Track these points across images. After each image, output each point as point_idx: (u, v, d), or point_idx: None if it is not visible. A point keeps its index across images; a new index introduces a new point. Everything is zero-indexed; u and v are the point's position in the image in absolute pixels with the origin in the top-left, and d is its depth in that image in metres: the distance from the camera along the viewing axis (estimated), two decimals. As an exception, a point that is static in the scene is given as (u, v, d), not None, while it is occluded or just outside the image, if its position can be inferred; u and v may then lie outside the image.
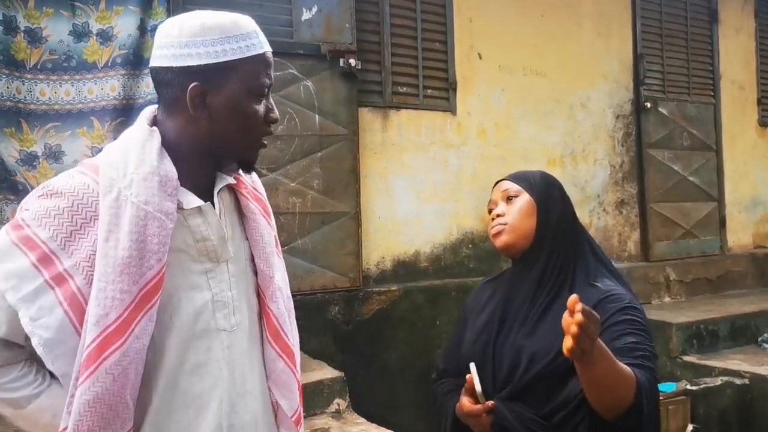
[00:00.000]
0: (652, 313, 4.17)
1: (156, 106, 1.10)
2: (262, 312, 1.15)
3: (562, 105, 4.48)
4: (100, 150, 3.49)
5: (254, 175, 1.20)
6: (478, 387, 1.31)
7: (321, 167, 3.51)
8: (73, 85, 3.15)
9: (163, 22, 3.86)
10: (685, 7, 5.08)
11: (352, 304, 3.55)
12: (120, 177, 0.98)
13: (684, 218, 4.96)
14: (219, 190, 1.09)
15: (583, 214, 4.48)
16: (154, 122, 1.07)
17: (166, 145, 1.04)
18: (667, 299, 4.70)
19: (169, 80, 1.02)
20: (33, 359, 1.02)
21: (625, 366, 1.17)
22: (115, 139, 3.57)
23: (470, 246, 4.05)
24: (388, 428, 2.73)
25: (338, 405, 2.92)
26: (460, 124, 4.07)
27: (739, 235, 5.33)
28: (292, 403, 1.16)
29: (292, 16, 3.49)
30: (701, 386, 3.47)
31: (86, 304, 0.94)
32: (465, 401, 1.36)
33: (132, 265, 0.95)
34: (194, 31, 1.01)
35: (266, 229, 1.16)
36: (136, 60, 3.21)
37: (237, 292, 1.09)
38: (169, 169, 1.01)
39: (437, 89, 4.01)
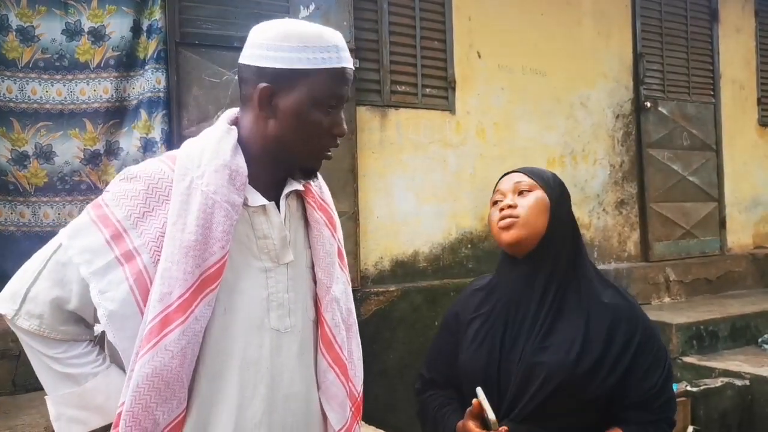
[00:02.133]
0: (652, 314, 4.15)
1: (238, 108, 1.16)
2: (318, 320, 1.17)
3: (562, 104, 4.46)
4: (92, 152, 3.49)
5: (324, 185, 1.25)
6: (491, 415, 1.23)
7: (319, 167, 3.49)
8: (64, 85, 3.12)
9: (158, 20, 3.83)
10: (685, 6, 5.06)
11: (350, 304, 3.53)
12: (194, 167, 1.04)
13: (684, 218, 4.94)
14: (287, 195, 1.13)
15: (582, 214, 4.46)
16: (235, 123, 1.13)
17: (241, 143, 1.09)
18: (666, 300, 4.68)
19: (247, 78, 1.10)
20: (97, 343, 1.11)
21: None
22: (107, 141, 3.56)
23: (469, 246, 4.03)
24: (386, 430, 2.71)
25: (336, 407, 2.90)
26: (459, 124, 4.05)
27: (739, 236, 5.32)
28: (339, 416, 1.17)
29: (289, 14, 3.46)
30: (701, 387, 3.45)
31: (151, 282, 1.00)
32: (472, 426, 1.28)
33: (196, 249, 1.00)
34: (279, 36, 1.07)
35: (329, 239, 1.19)
36: (129, 61, 3.19)
37: (294, 295, 1.13)
38: (241, 164, 1.06)
39: (436, 88, 3.99)
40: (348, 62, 1.10)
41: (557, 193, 1.39)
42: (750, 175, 5.42)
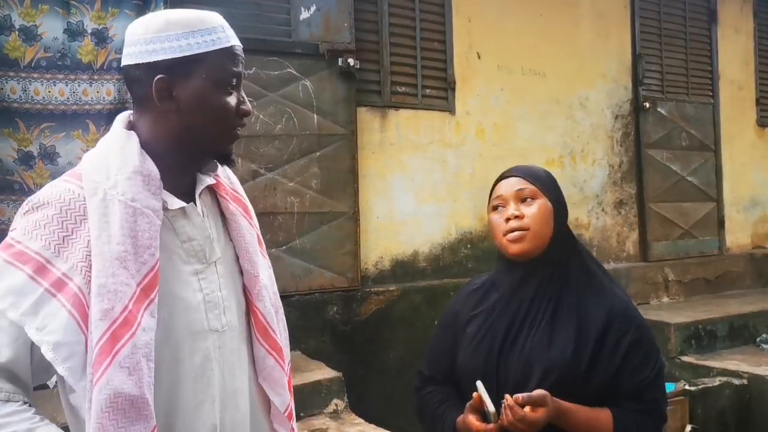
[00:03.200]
0: (651, 314, 4.17)
1: (131, 111, 1.12)
2: (250, 311, 1.16)
3: (561, 105, 4.47)
4: (95, 152, 3.45)
5: (232, 175, 1.22)
6: (490, 407, 1.24)
7: (319, 167, 3.50)
8: (67, 85, 3.14)
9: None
10: (684, 7, 5.08)
11: (351, 304, 3.54)
12: (104, 179, 1.00)
13: (682, 218, 4.96)
14: (200, 192, 1.11)
15: (581, 214, 4.47)
16: (131, 126, 1.09)
17: (144, 146, 1.05)
18: (665, 299, 4.70)
19: (137, 77, 1.04)
20: (33, 404, 1.01)
21: (600, 415, 1.30)
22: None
23: (469, 246, 4.04)
24: (386, 429, 2.72)
25: (336, 405, 2.92)
26: (458, 124, 4.06)
27: (738, 236, 5.34)
28: (283, 398, 1.18)
29: (290, 16, 3.48)
30: (700, 386, 3.46)
31: (88, 304, 0.94)
32: (473, 420, 1.29)
33: (128, 260, 0.96)
34: (159, 27, 1.04)
35: (247, 229, 1.17)
36: None
37: (227, 292, 1.11)
38: (152, 168, 1.03)
39: (436, 89, 4.00)
40: (235, 40, 1.09)
41: (556, 196, 1.41)
42: (748, 175, 5.44)
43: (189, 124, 1.05)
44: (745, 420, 3.47)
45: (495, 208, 1.40)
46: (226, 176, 1.20)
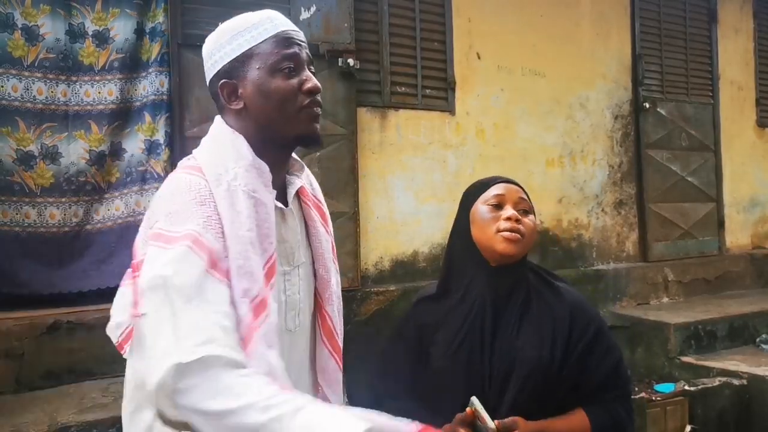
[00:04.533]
0: (651, 314, 4.17)
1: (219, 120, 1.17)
2: (318, 313, 1.21)
3: (561, 105, 4.48)
4: (97, 153, 3.49)
5: (315, 182, 1.26)
6: (490, 423, 1.19)
7: (319, 167, 3.51)
8: (69, 86, 3.14)
9: (161, 23, 3.85)
10: (684, 7, 5.08)
11: (350, 304, 3.55)
12: (224, 172, 1.04)
13: (682, 219, 4.96)
14: (292, 196, 1.14)
15: (581, 215, 4.48)
16: None
17: None
18: (665, 300, 4.70)
19: (214, 91, 1.14)
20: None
21: (574, 421, 1.35)
22: (113, 142, 3.55)
23: (469, 246, 4.04)
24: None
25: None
26: (458, 124, 4.07)
27: (738, 236, 5.34)
28: (339, 398, 1.23)
29: (290, 16, 3.48)
30: (699, 387, 3.47)
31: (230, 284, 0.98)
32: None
33: (256, 246, 1.00)
34: (215, 40, 1.13)
35: (324, 236, 1.21)
36: (132, 63, 3.21)
37: (303, 295, 1.15)
38: (262, 163, 1.07)
39: (436, 89, 4.01)
40: (286, 26, 1.11)
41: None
42: (748, 175, 5.44)
43: (258, 115, 1.09)
44: (744, 420, 3.47)
45: (492, 205, 1.42)
46: (308, 182, 1.23)
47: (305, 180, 1.21)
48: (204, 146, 1.11)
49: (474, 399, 1.27)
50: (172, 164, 3.24)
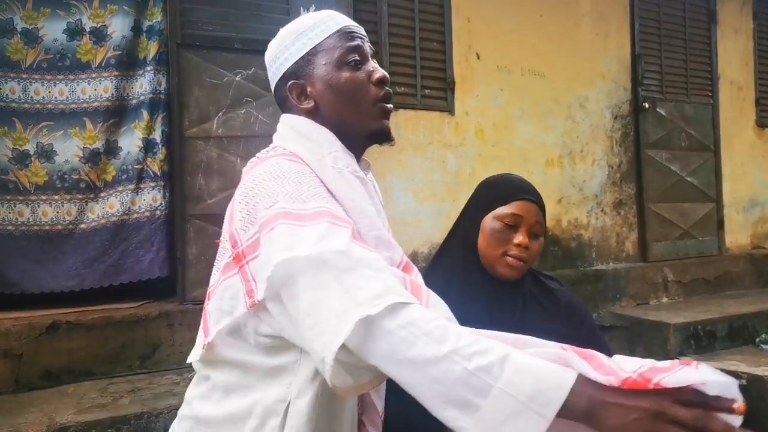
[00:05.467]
0: (650, 314, 4.17)
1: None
2: None
3: (561, 105, 4.47)
4: (91, 151, 3.50)
5: (377, 187, 1.28)
6: None
7: (319, 167, 3.50)
8: (67, 85, 3.14)
9: (159, 22, 3.84)
10: (684, 7, 5.08)
11: (350, 304, 3.55)
12: (321, 158, 1.02)
13: (682, 219, 4.96)
14: None
15: (580, 215, 4.48)
16: None
17: None
18: (664, 300, 4.70)
19: (281, 95, 1.13)
20: None
21: None
22: (107, 140, 3.53)
23: (468, 246, 4.04)
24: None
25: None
26: (458, 124, 4.07)
27: (737, 236, 5.34)
28: (383, 404, 1.19)
29: (289, 16, 3.48)
30: (699, 387, 3.46)
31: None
32: None
33: (378, 226, 1.02)
34: (277, 44, 1.12)
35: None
36: (129, 61, 3.20)
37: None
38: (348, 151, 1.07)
39: (435, 89, 4.00)
40: (345, 21, 1.12)
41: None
42: (748, 175, 5.44)
43: (330, 113, 1.08)
44: (744, 421, 3.46)
45: (506, 224, 1.36)
46: (373, 185, 1.22)
47: (370, 181, 1.19)
48: (286, 137, 1.09)
49: None
50: (169, 164, 3.24)
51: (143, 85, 3.21)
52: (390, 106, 1.11)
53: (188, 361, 1.10)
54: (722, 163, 5.23)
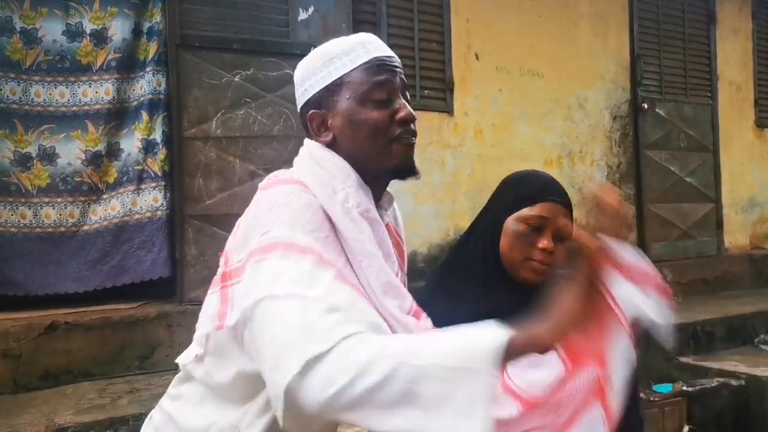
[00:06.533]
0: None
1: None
2: None
3: (560, 105, 4.48)
4: (93, 153, 3.50)
5: (400, 217, 1.24)
6: None
7: (318, 168, 3.50)
8: (67, 87, 3.14)
9: (158, 23, 3.83)
10: (683, 8, 5.09)
11: (349, 304, 3.55)
12: (333, 193, 0.98)
13: (681, 219, 4.96)
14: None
15: (580, 215, 4.47)
16: None
17: None
18: (664, 300, 4.70)
19: (304, 121, 1.07)
20: None
21: None
22: (109, 142, 3.53)
23: (467, 247, 4.04)
24: (384, 429, 2.72)
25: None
26: (457, 125, 4.07)
27: (736, 236, 5.34)
28: None
29: (288, 16, 3.48)
30: (697, 387, 3.46)
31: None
32: None
33: (388, 263, 0.99)
34: (305, 66, 1.07)
35: (401, 274, 1.17)
36: (129, 63, 3.21)
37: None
38: (364, 183, 1.04)
39: (434, 90, 4.01)
40: (380, 51, 1.06)
41: None
42: (747, 176, 5.45)
43: (349, 148, 1.03)
44: (742, 421, 3.47)
45: (531, 226, 1.29)
46: (394, 217, 1.20)
47: (391, 215, 1.17)
48: (303, 166, 1.05)
49: None
50: (169, 164, 3.24)
51: (143, 86, 3.21)
52: (413, 139, 1.09)
53: (176, 361, 1.09)
54: (721, 163, 5.24)
